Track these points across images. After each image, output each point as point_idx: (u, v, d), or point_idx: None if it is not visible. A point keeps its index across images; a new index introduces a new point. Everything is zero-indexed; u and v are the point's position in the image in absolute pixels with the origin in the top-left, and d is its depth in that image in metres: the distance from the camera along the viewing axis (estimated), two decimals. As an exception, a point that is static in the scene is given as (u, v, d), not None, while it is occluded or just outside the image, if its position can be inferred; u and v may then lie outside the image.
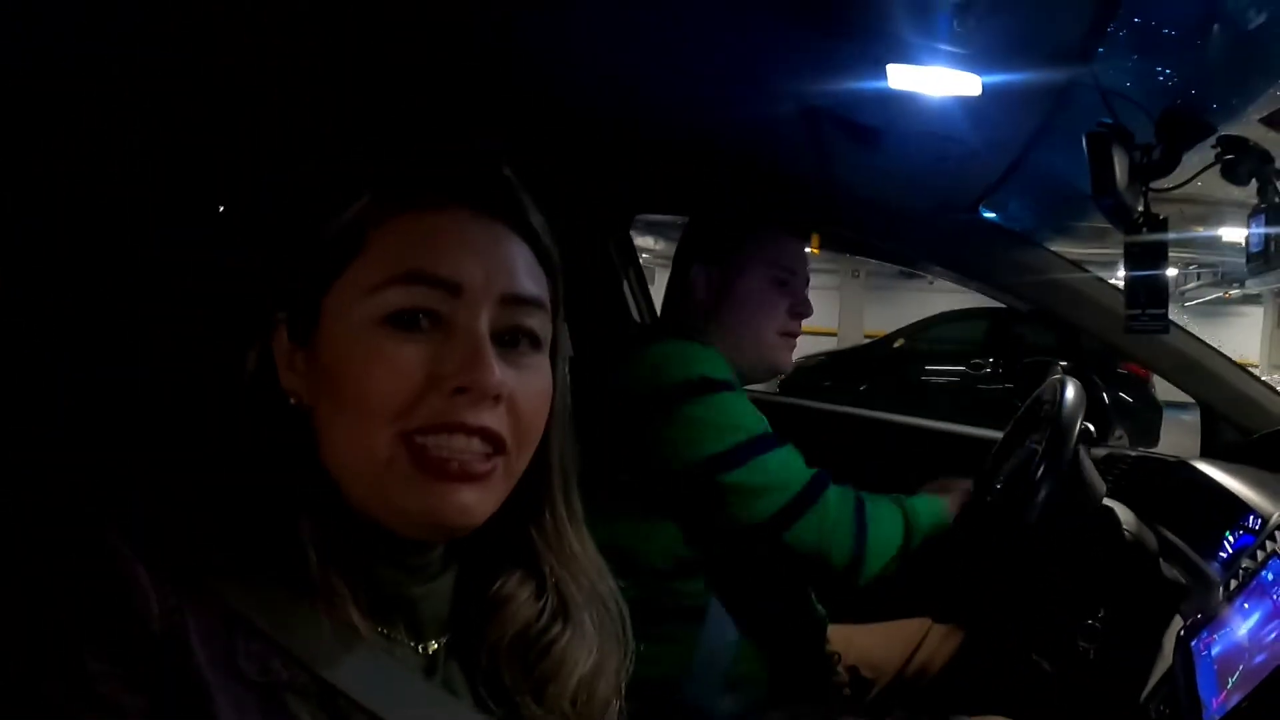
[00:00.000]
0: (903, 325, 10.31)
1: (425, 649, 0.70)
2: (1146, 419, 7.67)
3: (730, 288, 1.54)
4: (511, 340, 0.68)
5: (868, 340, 11.36)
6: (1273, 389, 1.73)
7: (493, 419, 0.65)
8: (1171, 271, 12.86)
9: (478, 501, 0.66)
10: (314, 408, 0.67)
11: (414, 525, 0.66)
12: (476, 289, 0.65)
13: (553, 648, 0.73)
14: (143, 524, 0.60)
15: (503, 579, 0.74)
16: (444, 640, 0.72)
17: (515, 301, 0.67)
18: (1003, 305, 2.22)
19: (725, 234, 1.59)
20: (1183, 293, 14.98)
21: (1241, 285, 13.12)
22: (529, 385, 0.68)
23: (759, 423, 1.41)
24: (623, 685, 0.79)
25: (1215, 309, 15.94)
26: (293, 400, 0.67)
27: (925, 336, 9.89)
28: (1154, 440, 7.10)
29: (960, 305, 9.75)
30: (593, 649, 0.75)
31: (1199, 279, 13.36)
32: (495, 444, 0.66)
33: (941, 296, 12.08)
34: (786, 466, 1.38)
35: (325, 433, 0.66)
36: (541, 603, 0.74)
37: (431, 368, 0.64)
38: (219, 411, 0.68)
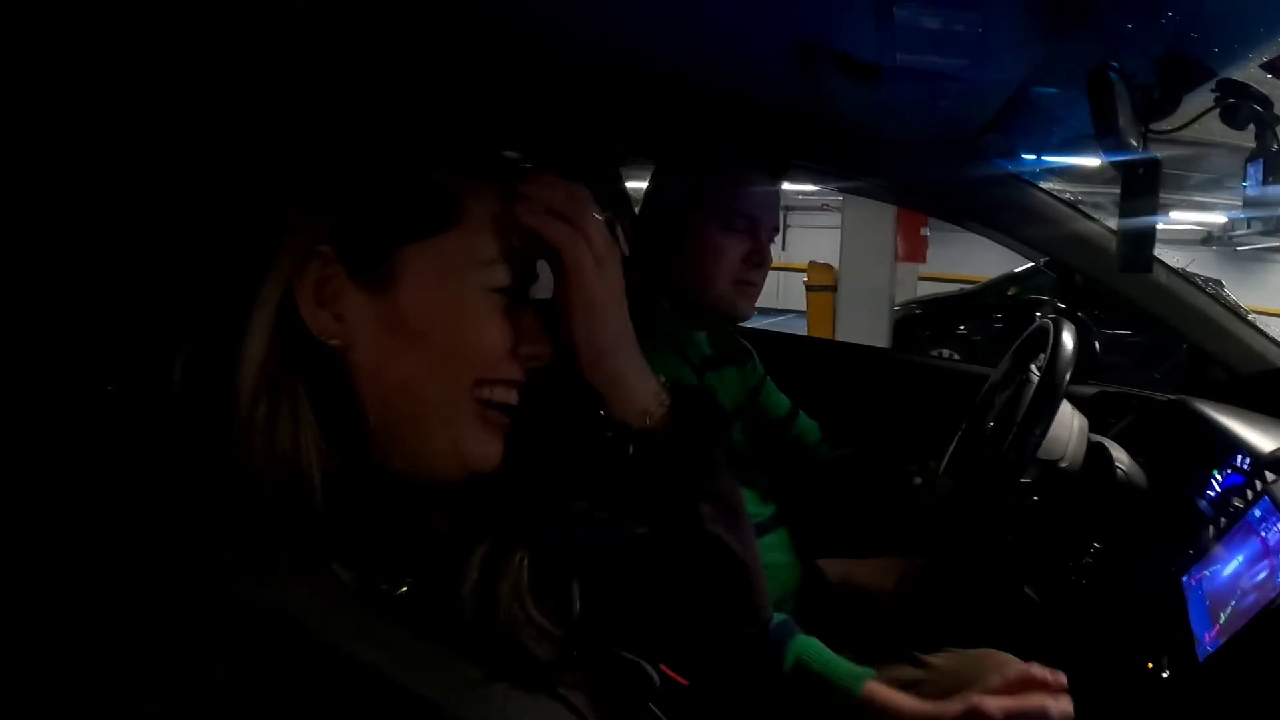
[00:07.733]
0: (949, 269, 9.97)
1: (396, 590, 0.71)
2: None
3: (678, 235, 1.49)
4: None
5: (968, 286, 10.55)
6: (1261, 330, 1.74)
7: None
8: (1222, 218, 12.80)
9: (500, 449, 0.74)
10: (354, 350, 0.67)
11: (447, 467, 0.72)
12: None
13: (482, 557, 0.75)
14: (108, 492, 0.60)
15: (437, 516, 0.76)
16: (410, 583, 0.72)
17: None
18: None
19: (675, 179, 1.55)
20: (1231, 238, 15.54)
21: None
22: None
23: None
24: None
25: (1266, 256, 16.10)
26: (323, 339, 0.66)
27: (1034, 284, 9.05)
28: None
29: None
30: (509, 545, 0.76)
31: (1249, 226, 13.23)
32: None
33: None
34: None
35: (389, 377, 0.68)
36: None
37: (516, 335, 0.73)
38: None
